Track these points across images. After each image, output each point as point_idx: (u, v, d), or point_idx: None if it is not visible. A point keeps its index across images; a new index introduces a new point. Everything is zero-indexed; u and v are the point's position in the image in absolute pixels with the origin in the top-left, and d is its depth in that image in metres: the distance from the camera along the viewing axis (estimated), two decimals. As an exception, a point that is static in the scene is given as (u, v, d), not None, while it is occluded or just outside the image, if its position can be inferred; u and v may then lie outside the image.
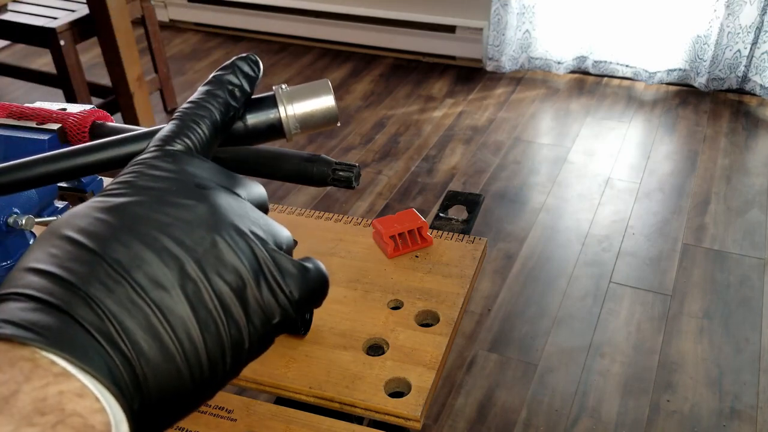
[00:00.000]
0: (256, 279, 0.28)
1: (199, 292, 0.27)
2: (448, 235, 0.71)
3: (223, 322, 0.27)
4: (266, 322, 0.29)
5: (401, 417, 0.53)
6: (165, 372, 0.26)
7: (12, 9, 2.19)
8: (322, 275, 0.31)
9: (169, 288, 0.26)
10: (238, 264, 0.28)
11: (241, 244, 0.28)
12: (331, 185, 0.41)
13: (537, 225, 1.94)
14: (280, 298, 0.29)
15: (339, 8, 2.90)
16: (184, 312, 0.26)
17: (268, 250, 0.29)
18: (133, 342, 0.25)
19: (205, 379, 0.27)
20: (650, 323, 1.61)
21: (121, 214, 0.27)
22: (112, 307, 0.25)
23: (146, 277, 0.26)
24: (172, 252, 0.27)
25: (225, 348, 0.27)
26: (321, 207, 2.03)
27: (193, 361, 0.26)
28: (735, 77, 2.48)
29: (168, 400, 0.26)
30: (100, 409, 0.24)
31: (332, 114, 0.35)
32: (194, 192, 0.29)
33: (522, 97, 2.60)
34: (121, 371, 0.25)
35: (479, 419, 1.41)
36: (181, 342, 0.26)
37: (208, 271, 0.27)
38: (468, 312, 1.66)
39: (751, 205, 1.98)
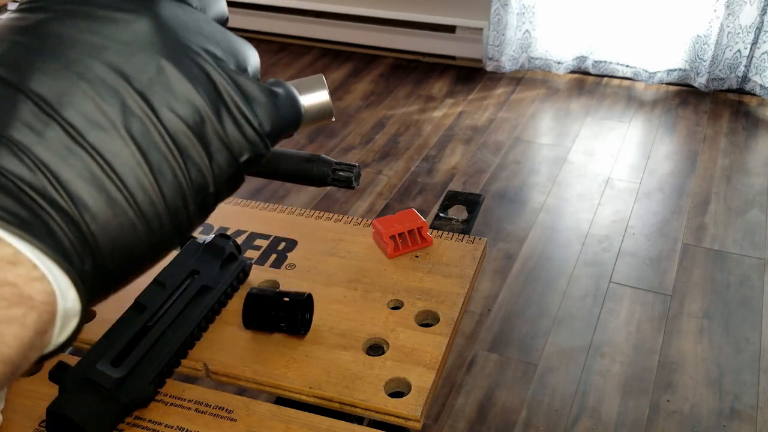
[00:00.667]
0: (216, 110, 0.24)
1: (146, 131, 0.22)
2: (448, 235, 0.71)
3: (180, 165, 0.23)
4: (233, 160, 0.24)
5: (401, 417, 0.53)
6: (117, 226, 0.22)
7: (12, 9, 2.19)
8: (293, 99, 0.27)
9: (109, 128, 0.22)
10: (192, 94, 0.23)
11: (194, 68, 0.23)
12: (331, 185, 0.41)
13: (537, 225, 1.94)
14: (247, 131, 0.24)
15: (339, 8, 2.90)
16: (130, 156, 0.22)
17: (229, 74, 0.24)
18: (73, 195, 0.21)
19: (165, 231, 0.23)
20: (650, 323, 1.61)
21: (42, 35, 0.22)
22: (44, 155, 0.21)
23: (81, 115, 0.21)
24: (109, 83, 0.22)
25: (186, 193, 0.23)
26: (321, 207, 2.03)
27: (148, 212, 0.22)
28: (735, 77, 2.48)
29: (125, 256, 0.23)
30: (39, 276, 0.20)
31: (327, 109, 0.35)
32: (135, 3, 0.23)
33: (522, 97, 2.60)
34: (64, 232, 0.21)
35: (479, 419, 1.41)
36: (131, 191, 0.22)
37: (155, 105, 0.22)
38: (468, 312, 1.66)
39: (751, 205, 1.98)
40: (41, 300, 0.20)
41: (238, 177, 0.25)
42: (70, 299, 0.21)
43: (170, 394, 0.55)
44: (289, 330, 0.59)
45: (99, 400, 0.50)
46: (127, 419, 0.53)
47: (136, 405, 0.53)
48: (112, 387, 0.50)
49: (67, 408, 0.49)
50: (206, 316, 0.60)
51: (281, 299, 0.58)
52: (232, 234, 0.73)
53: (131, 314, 0.57)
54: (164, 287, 0.59)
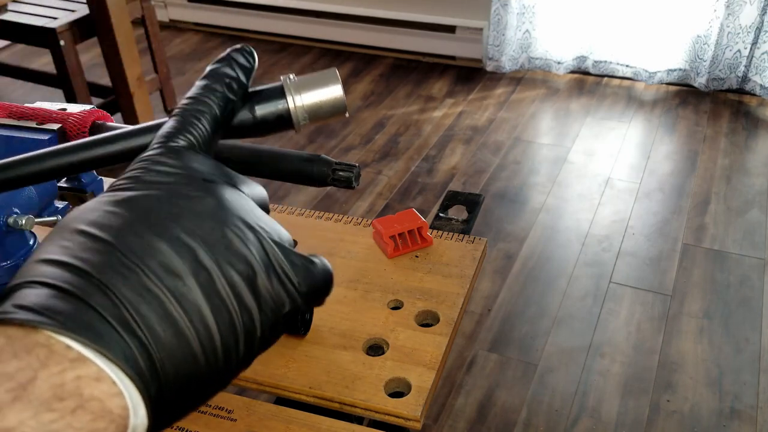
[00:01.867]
0: (266, 269, 0.29)
1: (212, 280, 0.27)
2: (448, 235, 0.71)
3: (235, 310, 0.27)
4: (276, 311, 0.29)
5: (401, 417, 0.53)
6: (181, 357, 0.26)
7: (12, 9, 2.19)
8: (326, 270, 0.32)
9: (183, 276, 0.26)
10: (248, 254, 0.28)
11: (249, 235, 0.29)
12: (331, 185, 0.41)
13: (537, 225, 1.94)
14: (289, 289, 0.29)
15: (339, 8, 2.90)
16: (198, 299, 0.26)
17: (275, 243, 0.30)
18: (148, 327, 0.25)
19: (219, 366, 0.27)
20: (650, 323, 1.61)
21: (132, 206, 0.27)
22: (127, 294, 0.25)
23: (160, 265, 0.26)
24: (184, 241, 0.27)
25: (238, 335, 0.28)
26: (321, 207, 2.03)
27: (207, 347, 0.26)
28: (735, 77, 2.48)
29: (184, 386, 0.26)
30: (118, 393, 0.24)
31: (341, 104, 0.35)
32: (201, 185, 0.29)
33: (522, 97, 2.60)
34: (137, 356, 0.25)
35: (479, 419, 1.41)
36: (195, 328, 0.26)
37: (219, 261, 0.27)
38: (468, 312, 1.66)
39: (751, 205, 1.98)
40: (119, 414, 0.24)
41: (279, 327, 0.30)
42: (140, 416, 0.25)
43: (170, 394, 0.55)
44: (289, 330, 0.59)
45: None
46: (127, 419, 0.53)
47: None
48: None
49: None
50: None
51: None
52: (232, 234, 0.72)
53: None
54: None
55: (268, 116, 0.35)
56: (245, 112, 0.35)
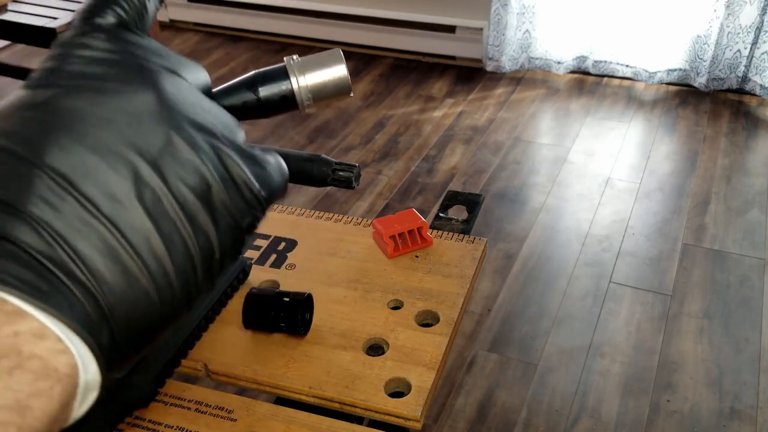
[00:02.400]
0: (222, 180, 0.24)
1: (158, 201, 0.23)
2: (448, 235, 0.71)
3: (189, 233, 0.23)
4: (236, 225, 0.25)
5: (401, 417, 0.53)
6: (131, 297, 0.22)
7: (12, 9, 2.19)
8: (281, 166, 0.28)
9: (124, 200, 0.22)
10: (199, 164, 0.24)
11: (199, 139, 0.24)
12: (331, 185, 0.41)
13: (537, 225, 1.94)
14: (249, 198, 0.25)
15: (339, 8, 2.90)
16: (144, 226, 0.22)
17: (230, 144, 0.25)
18: (91, 268, 0.21)
19: (176, 298, 0.24)
20: (650, 323, 1.61)
21: (53, 110, 0.22)
22: (61, 229, 0.21)
23: (96, 188, 0.22)
24: (121, 155, 0.22)
25: (195, 261, 0.24)
26: (321, 207, 2.03)
27: (161, 281, 0.23)
28: (735, 77, 2.48)
29: (139, 327, 0.23)
30: (63, 349, 0.21)
31: (345, 84, 0.34)
32: (137, 76, 0.24)
33: (522, 97, 2.60)
34: (83, 304, 0.21)
35: (479, 419, 1.41)
36: (145, 261, 0.22)
37: (166, 175, 0.23)
38: (468, 312, 1.66)
39: (751, 205, 1.98)
40: (66, 372, 0.21)
41: (239, 242, 0.26)
42: (91, 371, 0.22)
43: (170, 394, 0.55)
44: (289, 330, 0.58)
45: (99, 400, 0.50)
46: (127, 419, 0.53)
47: (136, 405, 0.53)
48: (112, 387, 0.50)
49: (67, 408, 0.49)
50: (206, 316, 0.60)
51: (281, 299, 0.58)
52: (232, 234, 0.72)
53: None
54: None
55: (272, 97, 0.34)
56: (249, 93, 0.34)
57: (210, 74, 0.34)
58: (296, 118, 2.50)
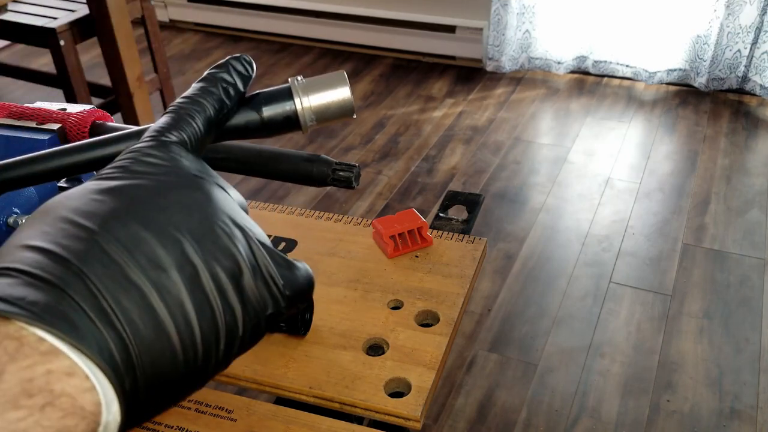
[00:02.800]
0: (252, 269, 0.28)
1: (197, 275, 0.26)
2: (448, 235, 0.71)
3: (219, 307, 0.26)
4: (260, 311, 0.28)
5: (401, 417, 0.53)
6: (159, 352, 0.25)
7: (12, 9, 2.19)
8: (309, 274, 0.32)
9: (167, 268, 0.25)
10: (235, 251, 0.27)
11: (237, 233, 0.28)
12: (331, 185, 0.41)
13: (537, 225, 1.94)
14: (273, 291, 0.29)
15: (339, 8, 2.90)
16: (181, 293, 0.25)
17: (261, 244, 0.29)
18: (127, 320, 0.24)
19: (198, 363, 0.26)
20: (650, 323, 1.61)
21: (119, 195, 0.27)
22: (108, 285, 0.24)
23: (144, 256, 0.25)
24: (170, 234, 0.26)
25: (219, 333, 0.27)
26: (321, 207, 2.03)
27: (187, 342, 0.26)
28: (735, 77, 2.48)
29: (160, 382, 0.25)
30: (90, 388, 0.22)
31: (348, 106, 0.35)
32: (190, 179, 0.29)
33: (522, 97, 2.60)
34: (113, 349, 0.23)
35: (479, 419, 1.41)
36: (176, 322, 0.25)
37: (206, 255, 0.27)
38: (468, 312, 1.66)
39: (751, 205, 1.98)
40: (90, 410, 0.22)
41: (260, 328, 0.29)
42: (113, 412, 0.24)
43: (170, 394, 0.55)
44: (289, 330, 0.59)
45: None
46: (127, 419, 0.53)
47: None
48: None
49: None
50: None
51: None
52: (232, 234, 0.72)
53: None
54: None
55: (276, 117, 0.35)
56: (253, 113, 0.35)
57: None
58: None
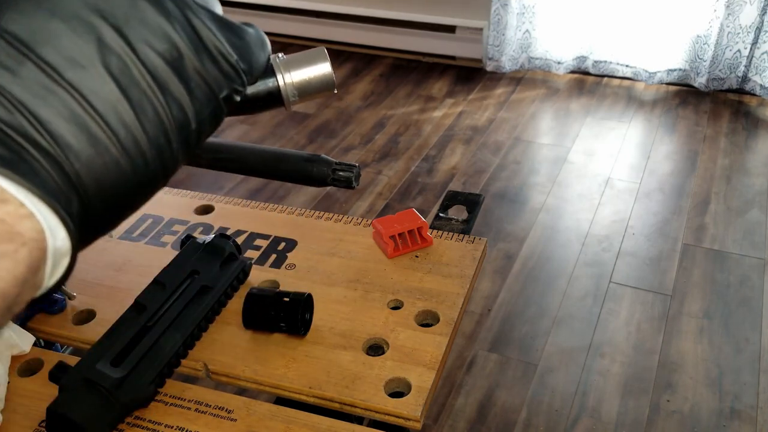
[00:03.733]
0: (194, 46, 0.23)
1: (125, 67, 0.22)
2: (448, 235, 0.71)
3: (160, 101, 0.23)
4: (212, 95, 0.25)
5: (401, 417, 0.53)
6: (101, 166, 0.22)
7: None
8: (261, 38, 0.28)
9: (87, 65, 0.21)
10: (169, 29, 0.23)
11: (168, 4, 0.23)
12: (331, 185, 0.42)
13: (537, 225, 1.94)
14: (224, 67, 0.25)
15: (339, 8, 2.90)
16: (111, 93, 0.22)
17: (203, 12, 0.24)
18: (54, 135, 0.21)
19: (150, 169, 0.23)
20: (650, 323, 1.61)
21: None
22: (21, 95, 0.20)
23: (57, 53, 0.21)
24: (84, 18, 0.21)
25: (168, 130, 0.23)
26: (321, 207, 2.03)
27: (132, 150, 0.22)
28: (735, 77, 2.48)
29: (111, 196, 0.23)
30: (27, 214, 0.20)
31: (329, 80, 0.35)
32: None
33: (522, 97, 2.60)
34: (47, 170, 0.21)
35: (479, 419, 1.41)
36: (113, 129, 0.22)
37: (133, 40, 0.22)
38: (468, 312, 1.66)
39: (751, 205, 1.98)
40: (31, 237, 0.20)
41: (218, 113, 0.25)
42: (60, 238, 0.21)
43: (170, 394, 0.55)
44: (289, 330, 0.59)
45: (99, 400, 0.50)
46: (127, 419, 0.53)
47: (136, 405, 0.53)
48: (112, 387, 0.50)
49: (67, 408, 0.49)
50: (206, 316, 0.60)
51: (281, 299, 0.58)
52: (232, 234, 0.73)
53: (131, 314, 0.57)
54: (164, 287, 0.59)
55: (259, 93, 0.35)
56: None
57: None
58: (296, 118, 2.50)
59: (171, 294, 0.59)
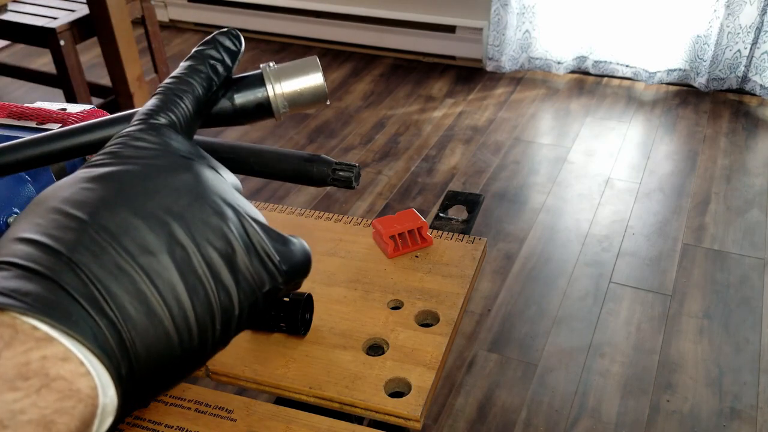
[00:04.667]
0: (245, 247, 0.28)
1: (187, 257, 0.26)
2: (448, 235, 0.71)
3: (212, 287, 0.27)
4: (256, 290, 0.29)
5: (401, 417, 0.53)
6: (153, 336, 0.25)
7: (12, 9, 2.19)
8: (305, 249, 0.32)
9: (156, 253, 0.26)
10: (226, 230, 0.28)
11: (228, 212, 0.28)
12: (331, 185, 0.41)
13: (537, 225, 1.94)
14: (269, 267, 0.29)
15: (339, 8, 2.90)
16: (172, 276, 0.26)
17: (254, 221, 0.29)
18: (119, 306, 0.25)
19: (194, 345, 0.27)
20: (650, 323, 1.61)
21: (108, 182, 0.27)
22: (98, 273, 0.25)
23: (133, 242, 0.25)
24: (160, 218, 0.26)
25: (215, 313, 0.27)
26: (321, 207, 2.03)
27: (181, 325, 0.26)
28: (735, 77, 2.48)
29: (156, 366, 0.26)
30: (85, 372, 0.23)
31: (321, 92, 0.34)
32: (180, 162, 0.29)
33: (522, 97, 2.60)
34: (107, 335, 0.24)
35: (479, 419, 1.41)
36: (169, 306, 0.26)
37: (197, 237, 0.27)
38: (468, 312, 1.66)
39: (751, 205, 1.98)
40: (87, 393, 0.23)
41: (258, 305, 0.29)
42: (109, 395, 0.25)
43: (170, 394, 0.55)
44: (289, 330, 0.58)
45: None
46: (127, 419, 0.53)
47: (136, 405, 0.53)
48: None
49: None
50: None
51: (281, 299, 0.58)
52: (232, 234, 0.72)
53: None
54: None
55: (248, 104, 0.34)
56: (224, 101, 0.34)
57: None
58: (296, 118, 2.50)
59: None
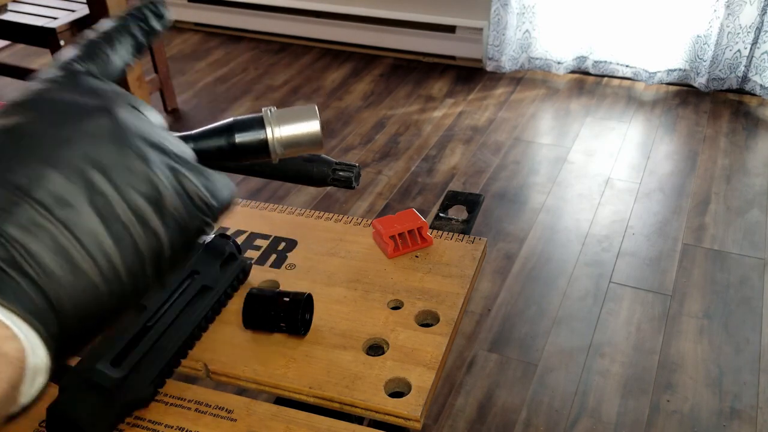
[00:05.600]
0: (173, 188, 0.28)
1: (110, 205, 0.26)
2: (448, 235, 0.71)
3: (139, 234, 0.26)
4: (186, 228, 0.28)
5: (401, 417, 0.53)
6: (80, 290, 0.25)
7: (12, 9, 2.19)
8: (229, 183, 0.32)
9: (75, 204, 0.25)
10: (151, 174, 0.27)
11: (151, 154, 0.27)
12: (331, 185, 0.42)
13: (537, 225, 1.94)
14: (199, 204, 0.29)
15: (339, 8, 2.90)
16: (94, 227, 0.25)
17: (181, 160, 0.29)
18: (40, 264, 0.24)
19: (126, 291, 0.27)
20: (650, 323, 1.61)
21: (16, 134, 0.26)
22: (13, 232, 0.24)
23: (49, 195, 0.25)
24: (76, 166, 0.25)
25: (144, 258, 0.27)
26: (321, 207, 2.03)
27: (109, 275, 0.26)
28: (735, 77, 2.48)
29: (87, 317, 0.26)
30: (12, 336, 0.23)
31: (317, 140, 0.36)
32: (97, 107, 0.28)
33: (522, 97, 2.60)
34: (31, 296, 0.24)
35: (479, 419, 1.41)
36: (93, 258, 0.25)
37: (119, 183, 0.26)
38: (468, 312, 1.66)
39: (751, 205, 1.98)
40: (15, 356, 0.23)
41: (189, 244, 0.29)
42: (39, 355, 0.24)
43: (170, 394, 0.55)
44: (289, 330, 0.59)
45: (99, 400, 0.50)
46: (127, 419, 0.53)
47: (136, 405, 0.53)
48: (112, 387, 0.50)
49: (67, 408, 0.49)
50: (206, 316, 0.60)
51: (281, 299, 0.58)
52: (232, 234, 0.73)
53: (131, 314, 0.57)
54: (164, 287, 0.59)
55: (247, 145, 0.36)
56: (225, 139, 0.36)
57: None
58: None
59: (171, 294, 0.59)
